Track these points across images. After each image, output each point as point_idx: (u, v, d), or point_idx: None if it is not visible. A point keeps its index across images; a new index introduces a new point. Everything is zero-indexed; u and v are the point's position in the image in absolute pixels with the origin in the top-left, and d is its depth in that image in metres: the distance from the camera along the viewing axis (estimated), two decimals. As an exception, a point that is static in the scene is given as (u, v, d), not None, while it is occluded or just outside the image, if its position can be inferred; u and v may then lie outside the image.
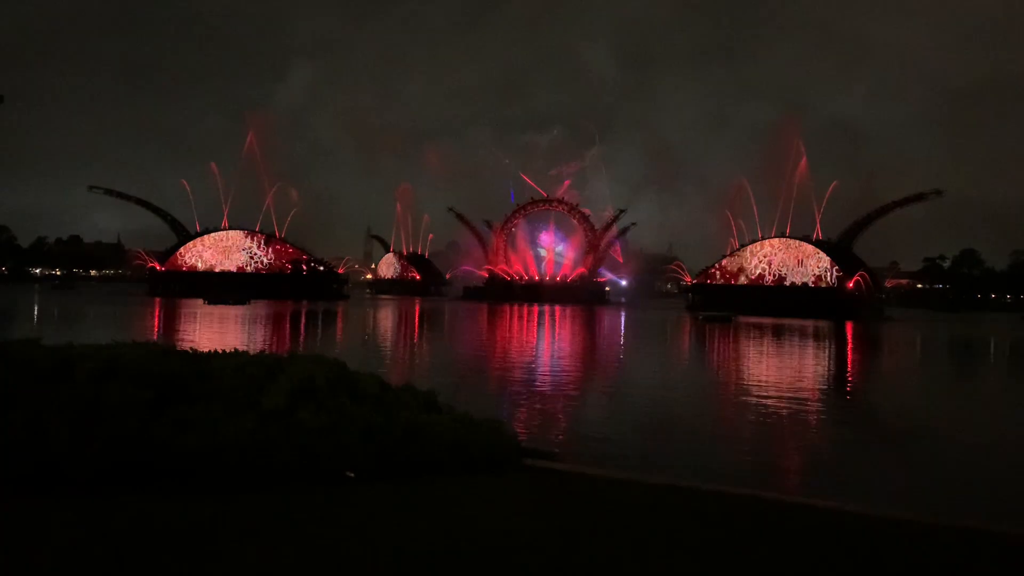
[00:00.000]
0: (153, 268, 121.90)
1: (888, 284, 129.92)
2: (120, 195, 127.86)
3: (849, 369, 38.85)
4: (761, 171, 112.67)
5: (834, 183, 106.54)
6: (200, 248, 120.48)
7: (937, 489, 13.75)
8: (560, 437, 17.02)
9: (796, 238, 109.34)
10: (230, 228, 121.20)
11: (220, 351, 9.61)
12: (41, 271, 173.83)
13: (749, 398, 24.28)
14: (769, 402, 23.10)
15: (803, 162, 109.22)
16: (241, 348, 10.21)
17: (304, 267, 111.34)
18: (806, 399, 24.72)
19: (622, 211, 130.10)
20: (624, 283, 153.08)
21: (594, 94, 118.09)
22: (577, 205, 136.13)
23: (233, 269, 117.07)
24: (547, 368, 33.01)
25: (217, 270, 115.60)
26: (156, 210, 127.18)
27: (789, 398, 24.19)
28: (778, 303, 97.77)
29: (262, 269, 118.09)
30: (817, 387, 29.17)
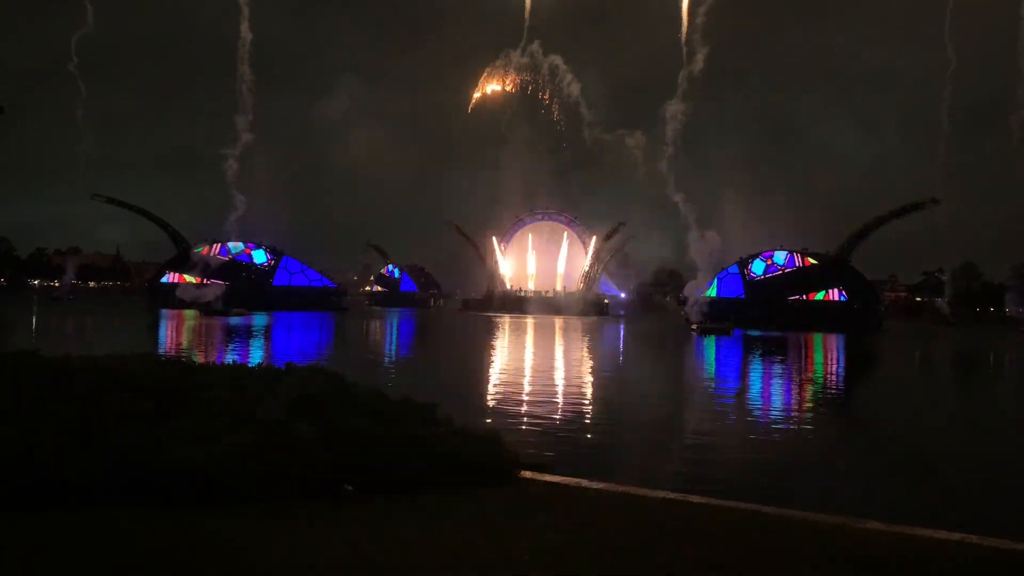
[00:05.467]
0: (151, 279, 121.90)
1: (887, 297, 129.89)
2: (122, 204, 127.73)
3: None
4: (758, 184, 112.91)
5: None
6: (198, 260, 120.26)
7: None
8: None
9: (794, 251, 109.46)
10: (228, 240, 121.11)
11: (218, 363, 9.60)
12: (40, 282, 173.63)
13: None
14: None
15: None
16: (238, 360, 10.20)
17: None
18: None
19: (621, 223, 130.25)
20: (624, 295, 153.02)
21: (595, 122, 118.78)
22: (577, 217, 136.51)
23: (229, 281, 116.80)
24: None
25: (215, 282, 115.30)
26: (157, 220, 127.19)
27: None
28: (776, 315, 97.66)
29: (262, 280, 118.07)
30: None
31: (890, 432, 22.36)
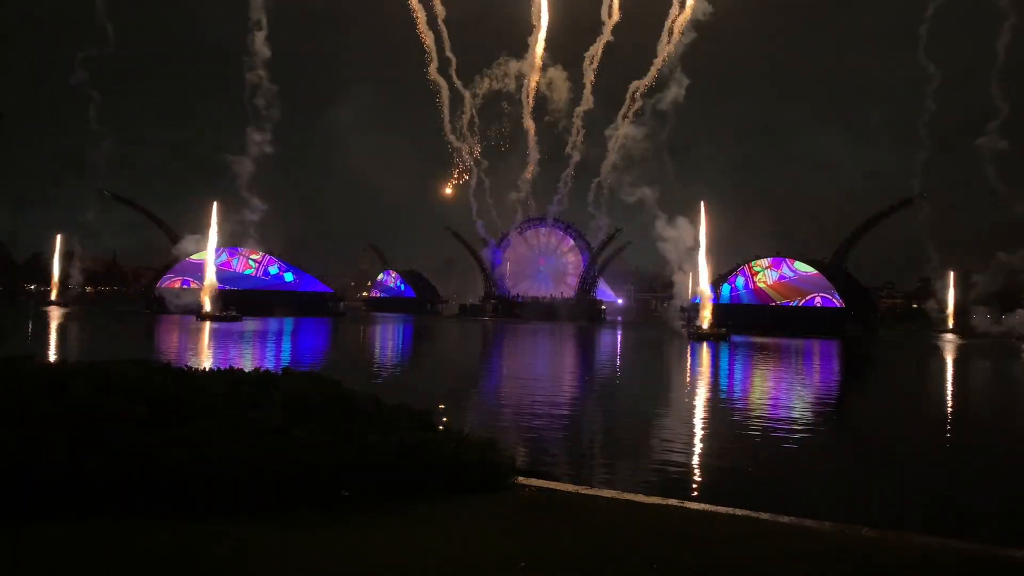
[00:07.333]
0: (148, 284, 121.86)
1: (883, 303, 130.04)
2: (129, 203, 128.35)
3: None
4: (753, 193, 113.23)
5: None
6: (196, 265, 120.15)
7: None
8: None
9: (789, 256, 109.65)
10: (226, 245, 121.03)
11: (214, 368, 9.58)
12: (36, 287, 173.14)
13: None
14: None
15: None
16: (234, 365, 10.18)
17: None
18: None
19: (618, 230, 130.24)
20: (620, 302, 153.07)
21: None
22: (573, 223, 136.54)
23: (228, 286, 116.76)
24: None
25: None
26: (160, 223, 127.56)
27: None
28: (772, 322, 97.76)
29: (258, 286, 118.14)
30: None
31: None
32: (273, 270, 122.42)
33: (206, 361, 37.21)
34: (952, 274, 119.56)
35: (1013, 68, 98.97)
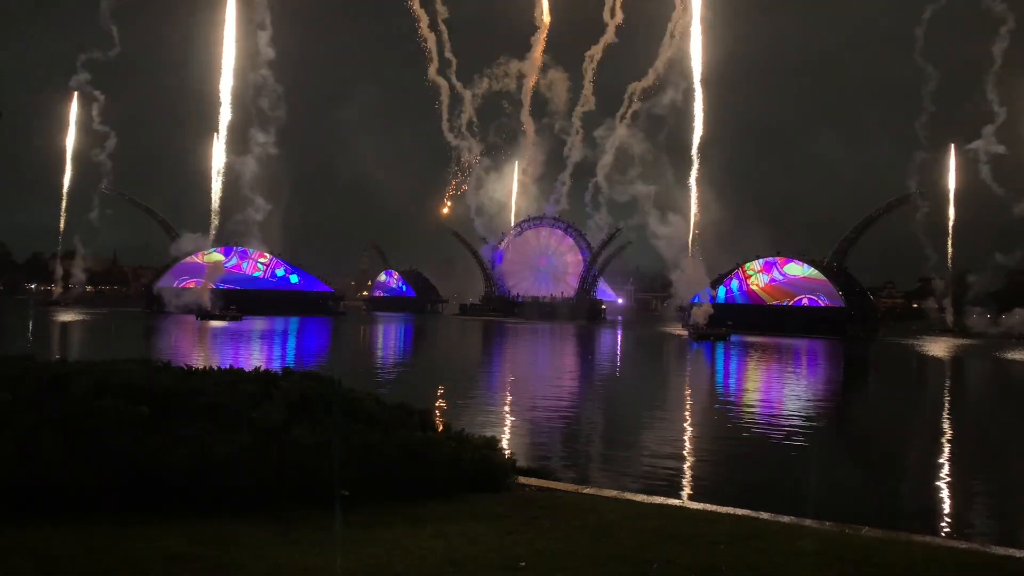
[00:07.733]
0: (149, 284, 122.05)
1: (883, 304, 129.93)
2: (132, 201, 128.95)
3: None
4: (753, 193, 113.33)
5: None
6: (196, 264, 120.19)
7: None
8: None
9: (789, 256, 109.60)
10: (226, 245, 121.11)
11: (214, 367, 9.56)
12: (37, 287, 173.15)
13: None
14: None
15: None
16: (235, 365, 10.16)
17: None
18: None
19: (618, 229, 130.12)
20: (620, 302, 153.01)
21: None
22: (573, 223, 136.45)
23: (228, 285, 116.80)
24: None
25: (212, 286, 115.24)
26: (162, 222, 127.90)
27: None
28: (772, 322, 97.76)
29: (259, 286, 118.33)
30: None
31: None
32: (280, 272, 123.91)
33: (207, 360, 37.21)
34: (951, 274, 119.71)
35: (1010, 71, 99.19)
